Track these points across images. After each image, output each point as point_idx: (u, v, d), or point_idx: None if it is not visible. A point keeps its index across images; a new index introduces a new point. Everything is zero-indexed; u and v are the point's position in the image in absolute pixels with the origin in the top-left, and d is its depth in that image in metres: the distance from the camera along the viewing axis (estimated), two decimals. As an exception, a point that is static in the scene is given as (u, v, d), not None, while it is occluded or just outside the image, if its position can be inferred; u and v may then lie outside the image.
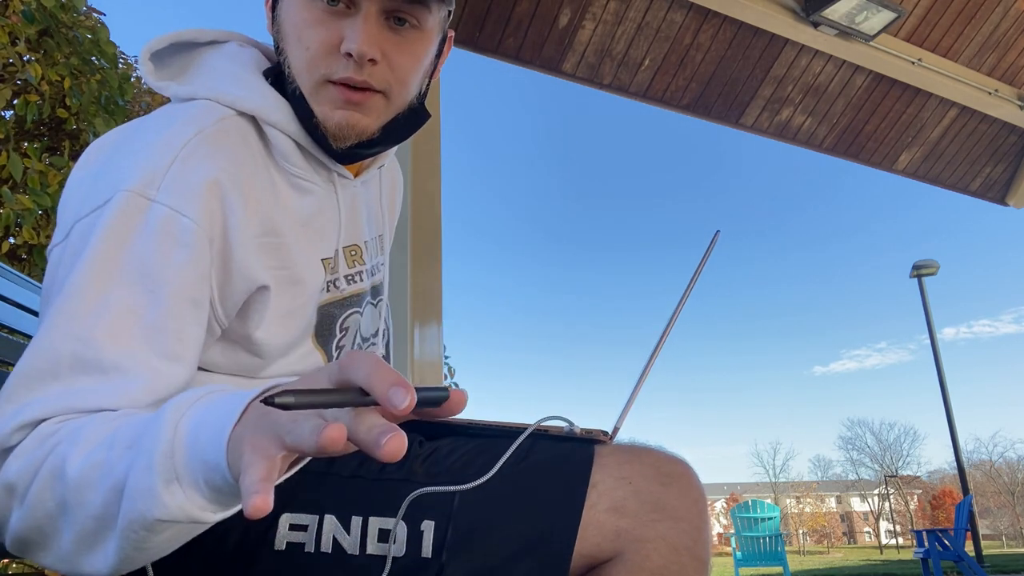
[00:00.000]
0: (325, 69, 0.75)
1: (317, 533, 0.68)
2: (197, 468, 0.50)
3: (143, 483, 0.51)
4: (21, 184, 2.98)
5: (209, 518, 0.52)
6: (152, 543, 0.54)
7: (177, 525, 0.52)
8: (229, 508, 0.54)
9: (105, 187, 0.68)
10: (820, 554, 37.55)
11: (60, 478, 0.56)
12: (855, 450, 47.30)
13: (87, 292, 0.64)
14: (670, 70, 3.73)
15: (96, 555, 0.56)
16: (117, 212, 0.66)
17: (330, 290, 0.83)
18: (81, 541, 0.56)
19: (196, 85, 0.79)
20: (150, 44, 0.81)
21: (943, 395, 10.76)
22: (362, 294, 0.89)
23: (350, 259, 0.87)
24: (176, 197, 0.67)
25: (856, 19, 3.51)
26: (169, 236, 0.66)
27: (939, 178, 4.84)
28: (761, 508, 7.76)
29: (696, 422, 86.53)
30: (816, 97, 4.12)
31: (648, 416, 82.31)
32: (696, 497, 0.72)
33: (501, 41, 3.33)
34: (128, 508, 0.52)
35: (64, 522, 0.56)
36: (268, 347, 0.77)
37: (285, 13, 0.78)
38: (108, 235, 0.65)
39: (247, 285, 0.73)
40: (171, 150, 0.69)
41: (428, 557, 0.67)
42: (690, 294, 0.85)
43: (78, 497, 0.55)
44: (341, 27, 0.74)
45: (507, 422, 0.81)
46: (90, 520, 0.55)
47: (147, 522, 0.51)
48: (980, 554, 9.61)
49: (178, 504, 0.51)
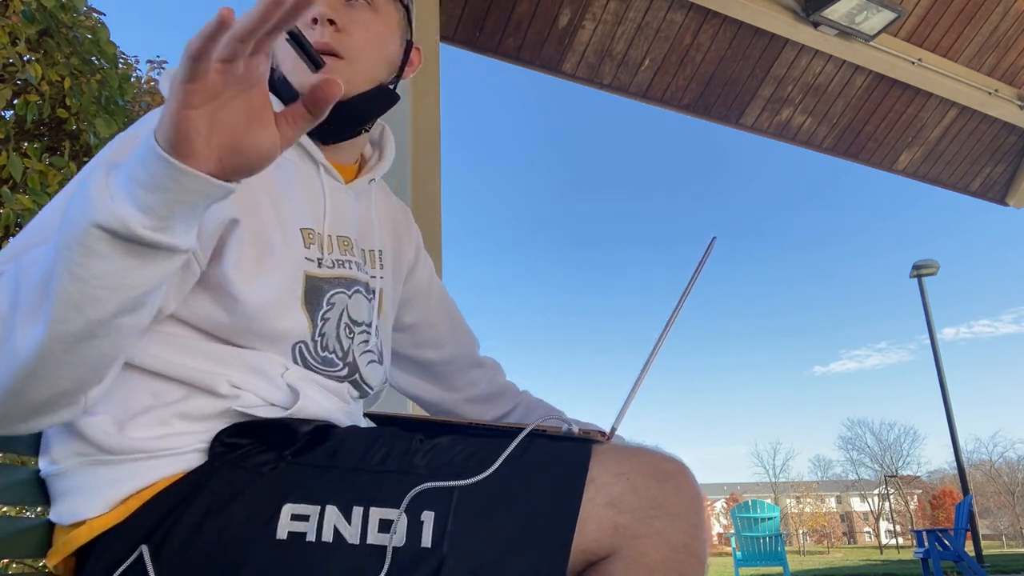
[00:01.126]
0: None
1: (319, 523, 0.69)
2: (127, 170, 0.56)
3: (79, 198, 0.56)
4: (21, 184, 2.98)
5: (139, 230, 0.55)
6: (90, 272, 0.56)
7: (113, 243, 0.55)
8: (164, 224, 0.56)
9: (114, 138, 0.78)
10: (820, 554, 37.56)
11: (12, 277, 0.62)
12: (855, 450, 47.38)
13: (58, 200, 0.72)
14: (670, 70, 3.74)
15: (34, 322, 0.58)
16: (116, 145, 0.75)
17: (320, 266, 0.87)
18: (23, 318, 0.59)
19: None
20: (169, 71, 0.91)
21: (943, 395, 10.77)
22: (351, 280, 0.91)
23: (342, 246, 0.92)
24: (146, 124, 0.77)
25: (856, 19, 3.51)
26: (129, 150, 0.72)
27: (939, 178, 4.84)
28: (761, 508, 7.76)
29: (696, 422, 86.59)
30: (816, 97, 4.12)
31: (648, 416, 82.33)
32: (693, 495, 0.73)
33: (501, 41, 3.33)
34: (66, 225, 0.56)
35: (11, 318, 0.60)
36: (248, 296, 0.78)
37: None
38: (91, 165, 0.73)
39: (217, 215, 0.76)
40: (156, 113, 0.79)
41: (428, 547, 0.67)
42: (686, 299, 0.85)
43: (25, 279, 0.60)
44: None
45: (506, 423, 0.82)
46: (32, 291, 0.59)
47: (82, 232, 0.55)
48: (980, 554, 9.62)
49: (108, 206, 0.54)
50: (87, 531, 0.72)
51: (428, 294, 1.15)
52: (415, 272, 1.13)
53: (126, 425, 0.74)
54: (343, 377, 0.89)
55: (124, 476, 0.73)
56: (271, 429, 0.77)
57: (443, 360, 1.16)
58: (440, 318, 1.16)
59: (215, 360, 0.78)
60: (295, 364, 0.83)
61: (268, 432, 0.77)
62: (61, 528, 0.75)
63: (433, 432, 0.80)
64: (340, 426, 0.84)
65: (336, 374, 0.88)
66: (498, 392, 1.20)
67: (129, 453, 0.73)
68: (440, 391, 1.18)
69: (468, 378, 1.19)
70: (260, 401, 0.78)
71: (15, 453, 0.85)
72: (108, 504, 0.72)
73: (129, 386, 0.75)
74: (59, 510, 0.75)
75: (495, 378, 1.21)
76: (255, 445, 0.76)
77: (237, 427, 0.76)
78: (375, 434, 0.79)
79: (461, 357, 1.18)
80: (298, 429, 0.77)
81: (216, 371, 0.77)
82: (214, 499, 0.71)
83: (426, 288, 1.14)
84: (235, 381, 0.77)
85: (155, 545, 0.70)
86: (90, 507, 0.72)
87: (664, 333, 0.83)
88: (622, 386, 0.87)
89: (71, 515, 0.73)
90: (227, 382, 0.77)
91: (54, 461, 0.76)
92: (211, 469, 0.74)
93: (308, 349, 0.84)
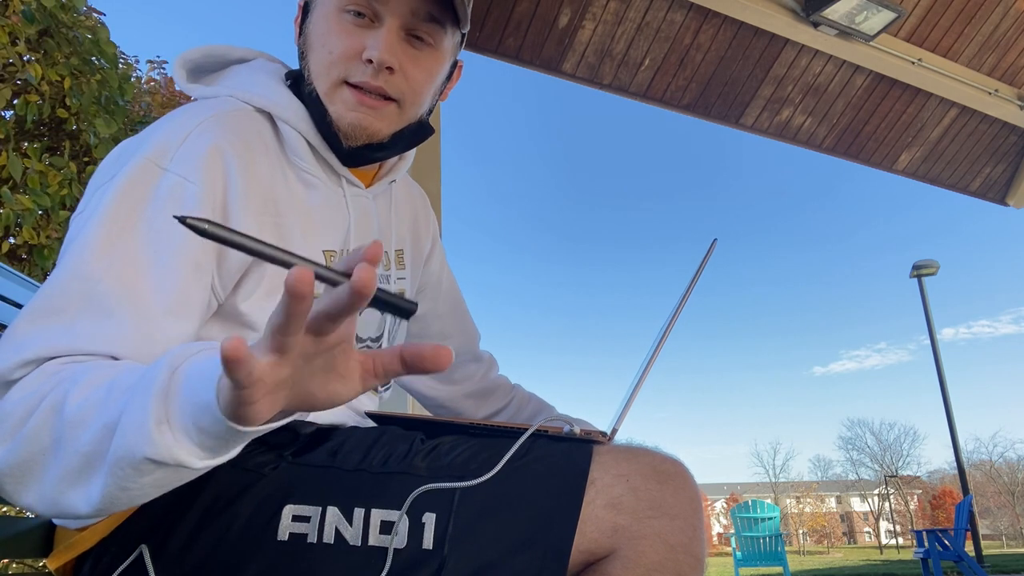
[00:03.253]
0: (344, 72, 0.84)
1: (320, 524, 0.69)
2: (188, 411, 0.51)
3: (136, 420, 0.52)
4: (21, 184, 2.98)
5: (195, 464, 0.53)
6: (137, 484, 0.55)
7: (164, 468, 0.53)
8: (217, 456, 0.54)
9: (126, 158, 0.74)
10: (820, 554, 37.55)
11: (59, 413, 0.58)
12: (855, 450, 47.33)
13: (98, 243, 0.68)
14: (670, 70, 3.74)
15: (79, 492, 0.57)
16: (132, 176, 0.72)
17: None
18: (66, 478, 0.57)
19: (219, 87, 0.87)
20: (184, 54, 0.90)
21: (943, 395, 10.76)
22: None
23: None
24: (185, 166, 0.73)
25: (856, 19, 3.51)
26: (177, 201, 0.72)
27: (939, 178, 4.84)
28: (761, 508, 7.76)
29: (696, 422, 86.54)
30: (816, 97, 4.12)
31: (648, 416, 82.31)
32: (691, 496, 0.73)
33: (501, 41, 3.33)
34: (119, 444, 0.53)
35: (54, 458, 0.58)
36: (256, 323, 0.79)
37: (314, 25, 0.87)
38: (123, 196, 0.71)
39: (243, 257, 0.76)
40: (187, 127, 0.76)
41: (429, 549, 0.67)
42: (687, 301, 0.85)
43: (72, 433, 0.57)
44: (364, 37, 0.83)
45: (507, 423, 0.82)
46: (77, 456, 0.56)
47: (135, 460, 0.53)
48: (980, 554, 9.61)
49: (167, 445, 0.51)
50: (91, 534, 0.72)
51: (439, 285, 1.15)
52: (430, 261, 1.13)
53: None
54: None
55: None
56: (272, 430, 0.76)
57: None
58: (448, 309, 1.17)
59: None
60: None
61: (269, 433, 0.76)
62: (64, 531, 0.75)
63: (434, 432, 0.80)
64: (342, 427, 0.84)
65: None
66: (493, 387, 1.21)
67: None
68: (439, 384, 1.18)
69: (466, 371, 1.19)
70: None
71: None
72: None
73: None
74: None
75: (489, 373, 1.22)
76: (256, 445, 0.75)
77: None
78: (376, 434, 0.79)
79: (463, 351, 1.19)
80: (299, 430, 0.77)
81: None
82: (215, 499, 0.71)
83: (437, 278, 1.15)
84: None
85: (155, 545, 0.70)
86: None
87: (664, 334, 0.83)
88: (622, 387, 0.87)
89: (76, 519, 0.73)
90: None
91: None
92: (212, 469, 0.74)
93: None
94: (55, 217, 3.13)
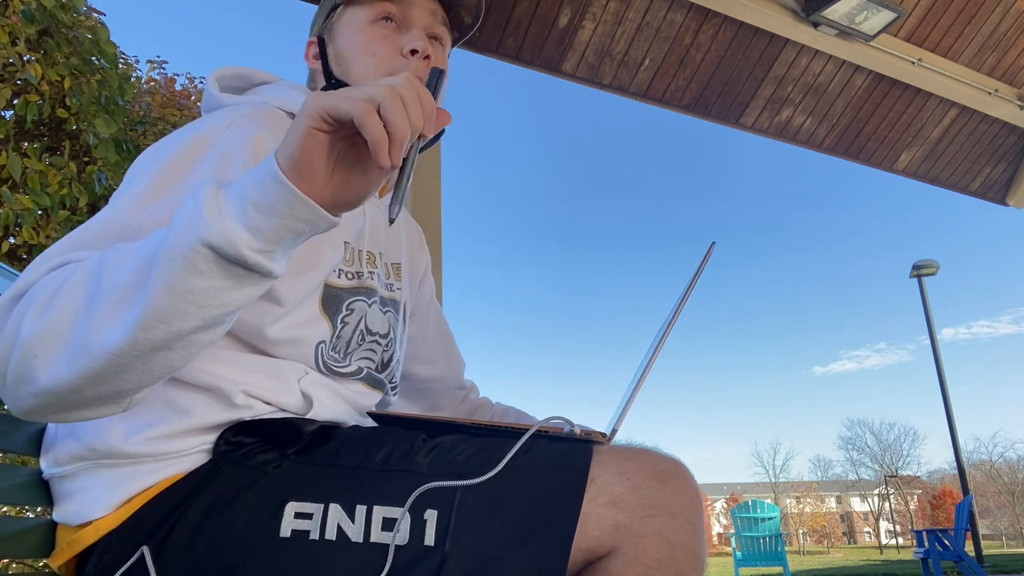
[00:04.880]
0: (390, 67, 0.94)
1: (322, 521, 0.69)
2: (239, 196, 0.57)
3: (187, 211, 0.57)
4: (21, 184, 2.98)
5: (247, 253, 0.57)
6: (182, 290, 0.56)
7: (216, 267, 0.56)
8: (267, 249, 0.58)
9: (170, 144, 0.80)
10: (820, 554, 37.56)
11: (93, 271, 0.61)
12: (855, 450, 47.37)
13: (143, 197, 0.72)
14: (670, 70, 3.74)
15: (115, 321, 0.58)
16: (184, 148, 0.78)
17: (340, 276, 0.90)
18: (101, 317, 0.58)
19: (252, 96, 0.95)
20: (216, 72, 0.97)
21: (943, 395, 10.76)
22: (370, 290, 0.94)
23: (369, 261, 0.96)
24: (232, 143, 0.79)
25: (856, 19, 3.51)
26: (224, 168, 0.76)
27: (939, 178, 4.84)
28: (761, 508, 7.76)
29: (696, 422, 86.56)
30: (816, 97, 4.12)
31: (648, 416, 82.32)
32: (692, 495, 0.73)
33: (501, 41, 3.33)
34: (171, 237, 0.57)
35: (86, 311, 0.59)
36: (282, 299, 0.81)
37: (345, 42, 0.98)
38: (171, 163, 0.76)
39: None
40: (230, 118, 0.83)
41: (431, 546, 0.68)
42: (686, 303, 0.85)
43: (110, 275, 0.59)
44: (400, 39, 0.97)
45: (507, 423, 0.82)
46: (116, 289, 0.58)
47: (188, 249, 0.56)
48: (980, 554, 9.61)
49: (221, 226, 0.56)
50: (93, 532, 0.72)
51: (428, 311, 1.21)
52: (423, 286, 1.19)
53: (135, 434, 0.74)
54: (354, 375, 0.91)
55: (128, 477, 0.73)
56: (275, 428, 0.77)
57: (430, 378, 1.22)
58: (435, 336, 1.22)
59: (234, 366, 0.79)
60: (316, 366, 0.85)
61: (272, 431, 0.77)
62: (65, 529, 0.75)
63: (435, 431, 0.81)
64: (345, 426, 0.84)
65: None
66: (474, 408, 1.27)
67: (134, 457, 0.73)
68: (424, 410, 1.24)
69: (451, 397, 1.26)
70: (272, 409, 0.79)
71: (15, 453, 0.85)
72: (113, 505, 0.72)
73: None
74: (64, 511, 0.75)
75: (470, 395, 1.28)
76: (259, 444, 0.76)
77: (241, 426, 0.77)
78: (378, 433, 0.80)
79: (448, 378, 1.24)
80: (302, 428, 0.77)
81: (233, 378, 0.77)
82: (217, 497, 0.72)
83: (427, 305, 1.21)
84: (250, 390, 0.78)
85: (157, 544, 0.70)
86: (96, 508, 0.72)
87: (663, 336, 0.83)
88: (621, 389, 0.87)
89: (77, 516, 0.73)
90: (242, 392, 0.77)
91: (58, 463, 0.76)
92: (214, 468, 0.74)
93: (328, 350, 0.87)
94: (55, 217, 3.13)
